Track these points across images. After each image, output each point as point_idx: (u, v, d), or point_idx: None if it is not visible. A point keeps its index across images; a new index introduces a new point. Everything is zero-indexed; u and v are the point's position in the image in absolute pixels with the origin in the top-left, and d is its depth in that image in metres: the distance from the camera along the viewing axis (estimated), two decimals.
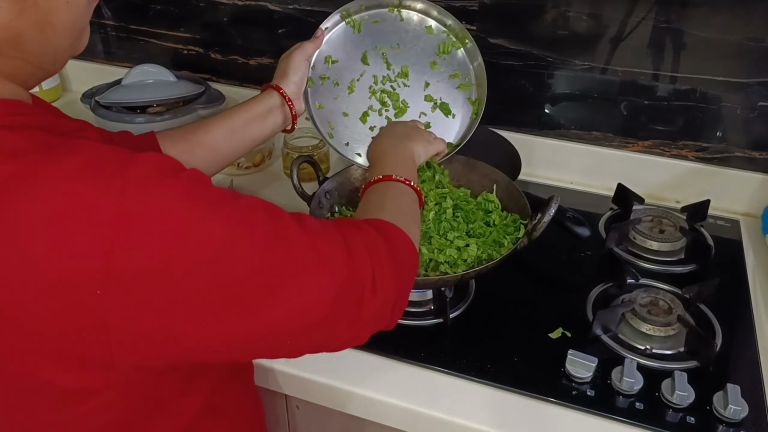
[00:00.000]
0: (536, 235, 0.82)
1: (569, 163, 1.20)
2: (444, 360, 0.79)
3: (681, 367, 0.78)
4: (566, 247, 1.00)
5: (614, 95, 1.12)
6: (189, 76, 1.35)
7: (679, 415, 0.72)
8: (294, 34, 1.29)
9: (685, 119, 1.10)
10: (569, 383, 0.76)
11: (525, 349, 0.81)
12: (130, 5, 1.39)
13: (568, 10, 1.08)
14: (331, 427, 0.86)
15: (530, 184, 1.19)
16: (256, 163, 1.22)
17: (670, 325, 0.83)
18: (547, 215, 0.81)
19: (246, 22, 1.31)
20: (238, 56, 1.36)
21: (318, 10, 1.24)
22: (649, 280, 0.94)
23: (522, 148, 1.17)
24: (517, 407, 0.74)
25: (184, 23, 1.37)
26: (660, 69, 1.08)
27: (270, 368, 0.79)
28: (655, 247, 1.00)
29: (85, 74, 1.49)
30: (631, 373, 0.74)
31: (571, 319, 0.86)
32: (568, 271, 0.98)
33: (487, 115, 1.22)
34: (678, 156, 1.14)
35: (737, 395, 0.72)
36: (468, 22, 1.14)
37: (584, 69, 1.12)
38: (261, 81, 1.36)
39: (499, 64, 1.16)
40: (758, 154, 1.09)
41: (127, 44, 1.45)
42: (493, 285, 0.92)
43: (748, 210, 1.13)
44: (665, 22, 1.04)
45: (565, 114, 1.17)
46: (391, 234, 0.62)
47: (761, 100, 1.04)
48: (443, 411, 0.73)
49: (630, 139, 1.15)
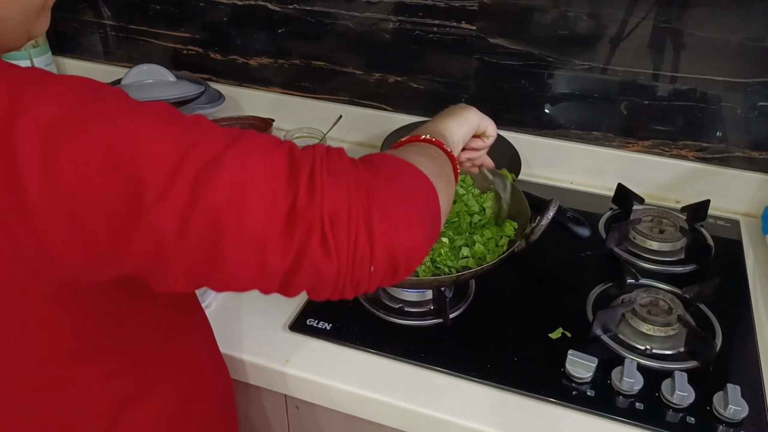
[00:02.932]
0: (534, 238, 0.82)
1: (569, 163, 1.20)
2: (444, 360, 0.79)
3: (681, 368, 0.78)
4: (566, 247, 1.00)
5: (614, 95, 1.12)
6: (188, 76, 1.35)
7: (679, 416, 0.72)
8: (294, 34, 1.29)
9: (685, 119, 1.10)
10: (569, 383, 0.76)
11: (525, 350, 0.81)
12: (129, 5, 1.39)
13: (568, 10, 1.08)
14: (331, 427, 0.86)
15: (530, 184, 1.19)
16: None
17: (670, 325, 0.83)
18: (545, 218, 0.81)
19: (246, 22, 1.31)
20: (237, 56, 1.36)
21: (318, 10, 1.24)
22: (649, 280, 0.94)
23: (522, 148, 1.17)
24: (517, 407, 0.74)
25: (184, 23, 1.37)
26: (660, 69, 1.07)
27: (270, 368, 0.79)
28: (655, 247, 1.00)
29: (85, 74, 1.48)
30: (631, 373, 0.74)
31: (571, 319, 0.86)
32: (568, 271, 0.98)
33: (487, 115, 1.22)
34: (678, 156, 1.14)
35: (737, 395, 0.72)
36: (468, 22, 1.15)
37: (584, 69, 1.12)
38: (261, 81, 1.37)
39: (499, 64, 1.16)
40: (758, 154, 1.09)
41: (126, 44, 1.45)
42: (493, 285, 0.92)
43: (748, 210, 1.13)
44: (665, 22, 1.04)
45: (565, 114, 1.17)
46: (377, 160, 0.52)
47: (761, 100, 1.04)
48: (443, 411, 0.73)
49: (630, 139, 1.15)
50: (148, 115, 0.45)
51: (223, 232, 0.43)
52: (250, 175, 0.44)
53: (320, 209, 0.44)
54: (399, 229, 0.48)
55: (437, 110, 1.31)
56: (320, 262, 0.45)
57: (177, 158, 0.43)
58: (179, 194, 0.42)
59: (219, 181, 0.43)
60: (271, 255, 0.44)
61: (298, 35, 1.29)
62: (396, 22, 1.20)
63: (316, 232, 0.45)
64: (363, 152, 1.28)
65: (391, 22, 1.20)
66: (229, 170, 0.44)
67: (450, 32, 1.17)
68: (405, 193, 0.50)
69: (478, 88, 1.20)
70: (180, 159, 0.43)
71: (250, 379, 0.82)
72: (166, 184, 0.42)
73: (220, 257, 0.44)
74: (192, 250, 0.44)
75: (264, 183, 0.44)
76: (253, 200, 0.44)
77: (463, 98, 1.22)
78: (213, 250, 0.44)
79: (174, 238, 0.43)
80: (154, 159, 0.42)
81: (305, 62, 1.31)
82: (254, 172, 0.44)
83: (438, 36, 1.18)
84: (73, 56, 1.51)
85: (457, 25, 1.15)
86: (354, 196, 0.46)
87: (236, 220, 0.43)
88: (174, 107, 0.48)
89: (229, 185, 0.43)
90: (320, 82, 1.33)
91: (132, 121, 0.44)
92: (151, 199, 0.42)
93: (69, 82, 0.44)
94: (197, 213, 0.43)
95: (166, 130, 0.44)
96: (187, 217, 0.43)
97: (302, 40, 1.29)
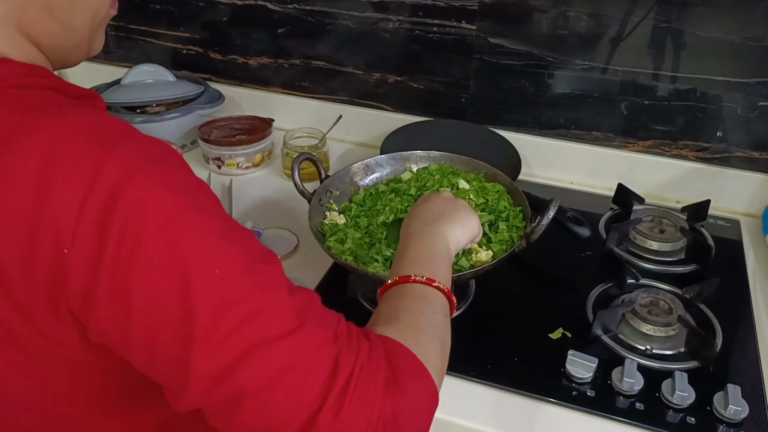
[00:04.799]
0: (534, 238, 0.82)
1: (569, 163, 1.20)
2: None
3: (681, 368, 0.78)
4: (566, 247, 1.00)
5: (614, 95, 1.12)
6: (188, 75, 1.35)
7: (679, 416, 0.72)
8: (294, 34, 1.29)
9: (685, 119, 1.10)
10: (569, 383, 0.76)
11: (525, 350, 0.81)
12: (129, 5, 1.39)
13: (568, 10, 1.08)
14: None
15: (530, 184, 1.18)
16: (255, 163, 1.22)
17: (670, 325, 0.83)
18: (545, 218, 0.81)
19: (245, 22, 1.31)
20: (237, 56, 1.36)
21: (318, 10, 1.24)
22: (650, 280, 0.94)
23: (522, 148, 1.17)
24: (517, 407, 0.74)
25: (184, 23, 1.37)
26: (660, 69, 1.07)
27: None
28: (655, 247, 1.00)
29: (85, 74, 1.48)
30: (632, 373, 0.74)
31: (572, 319, 0.86)
32: (568, 271, 0.98)
33: (488, 115, 1.22)
34: (678, 156, 1.14)
35: (737, 395, 0.72)
36: (468, 22, 1.15)
37: (584, 69, 1.12)
38: (261, 81, 1.37)
39: (499, 64, 1.16)
40: (758, 154, 1.09)
41: (126, 44, 1.45)
42: (493, 285, 0.92)
43: (748, 210, 1.13)
44: (665, 22, 1.04)
45: (565, 114, 1.17)
46: (392, 351, 0.51)
47: (761, 100, 1.04)
48: (443, 411, 0.73)
49: (630, 139, 1.15)
50: (233, 255, 0.45)
51: (243, 409, 0.45)
52: (293, 371, 0.45)
53: (336, 430, 0.45)
54: None
55: (437, 110, 1.31)
56: None
57: (239, 320, 0.44)
58: (223, 359, 0.43)
59: (263, 367, 0.44)
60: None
61: (298, 35, 1.29)
62: (396, 22, 1.20)
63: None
64: (363, 152, 1.30)
65: (391, 22, 1.20)
66: (277, 359, 0.44)
67: (450, 32, 1.17)
68: (418, 427, 0.50)
69: (478, 88, 1.20)
70: (241, 322, 0.44)
71: None
72: (217, 342, 0.43)
73: (231, 424, 0.46)
74: (210, 405, 0.46)
75: (301, 383, 0.45)
76: (283, 396, 0.44)
77: (463, 98, 1.22)
78: (227, 416, 0.46)
79: (201, 390, 0.44)
80: (219, 309, 0.43)
81: (305, 62, 1.31)
82: (298, 369, 0.45)
83: (438, 36, 1.18)
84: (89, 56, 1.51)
85: (457, 25, 1.15)
86: (373, 427, 0.46)
87: (260, 406, 0.44)
88: (258, 242, 0.49)
89: (270, 374, 0.44)
90: (320, 82, 1.33)
91: (216, 257, 0.44)
92: (198, 348, 0.43)
93: (177, 181, 0.46)
94: (230, 384, 0.44)
95: (243, 280, 0.45)
96: (219, 382, 0.44)
97: (302, 40, 1.29)
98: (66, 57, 0.55)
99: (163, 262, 0.43)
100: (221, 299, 0.43)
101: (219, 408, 0.45)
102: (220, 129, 1.25)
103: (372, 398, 0.46)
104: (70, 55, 0.56)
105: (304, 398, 0.45)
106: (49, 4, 0.51)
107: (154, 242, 0.43)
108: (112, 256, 0.42)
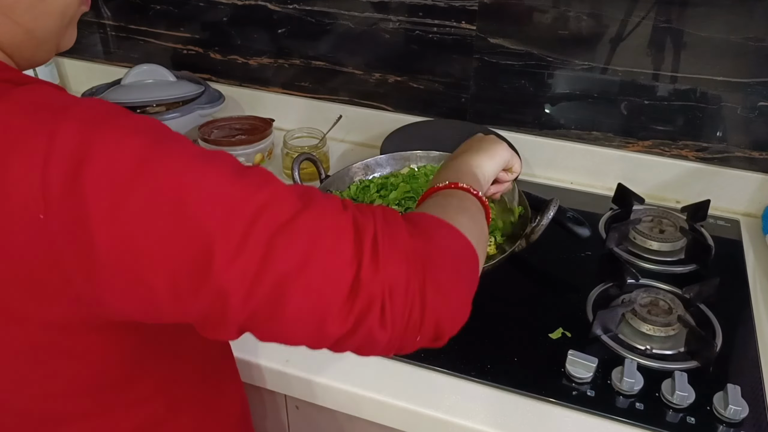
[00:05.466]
0: (534, 238, 0.82)
1: (569, 163, 1.20)
2: (444, 360, 0.79)
3: (681, 368, 0.78)
4: (566, 247, 1.00)
5: (614, 95, 1.12)
6: (188, 76, 1.35)
7: (679, 416, 0.72)
8: (294, 34, 1.29)
9: (685, 119, 1.10)
10: (569, 383, 0.76)
11: (525, 350, 0.81)
12: (129, 5, 1.39)
13: (568, 10, 1.08)
14: (331, 427, 0.86)
15: (530, 184, 1.19)
16: (256, 162, 1.22)
17: (670, 325, 0.83)
18: (545, 218, 0.81)
19: (246, 22, 1.31)
20: (237, 56, 1.36)
21: (318, 10, 1.24)
22: (649, 280, 0.94)
23: (522, 148, 1.17)
24: (517, 407, 0.74)
25: (184, 23, 1.37)
26: (660, 69, 1.07)
27: (269, 368, 0.79)
28: (655, 247, 1.00)
29: (85, 74, 1.49)
30: (632, 373, 0.74)
31: (571, 319, 0.86)
32: (568, 271, 0.98)
33: (488, 115, 1.23)
34: (678, 156, 1.14)
35: (737, 395, 0.72)
36: (468, 22, 1.15)
37: (584, 69, 1.12)
38: (261, 81, 1.37)
39: (499, 64, 1.16)
40: (758, 154, 1.09)
41: (126, 44, 1.45)
42: (493, 285, 0.91)
43: (748, 210, 1.13)
44: (665, 22, 1.04)
45: (565, 114, 1.17)
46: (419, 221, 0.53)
47: (761, 100, 1.04)
48: (443, 411, 0.73)
49: (630, 139, 1.15)
50: (217, 169, 0.45)
51: (288, 296, 0.44)
52: (321, 242, 0.45)
53: (382, 281, 0.45)
54: (449, 303, 0.50)
55: (437, 110, 1.31)
56: (376, 331, 0.46)
57: (249, 219, 0.43)
58: (251, 257, 0.43)
59: (292, 248, 0.44)
60: (330, 322, 0.45)
61: (298, 35, 1.29)
62: (396, 22, 1.20)
63: (376, 304, 0.45)
64: (363, 152, 1.30)
65: (391, 22, 1.20)
66: (302, 237, 0.44)
67: (450, 32, 1.17)
68: (455, 268, 0.52)
69: (478, 88, 1.20)
70: (252, 220, 0.43)
71: (249, 379, 0.82)
72: (237, 245, 0.43)
73: (280, 318, 0.45)
74: (255, 309, 0.45)
75: (332, 250, 0.45)
76: (321, 267, 0.44)
77: (463, 98, 1.22)
78: (275, 312, 0.45)
79: (240, 298, 0.44)
80: (225, 218, 0.43)
81: (305, 62, 1.31)
82: (324, 240, 0.45)
83: (438, 36, 1.18)
84: (73, 56, 1.51)
85: (457, 25, 1.16)
86: (412, 269, 0.47)
87: (303, 285, 0.44)
88: (237, 160, 0.48)
89: (301, 252, 0.44)
90: (320, 82, 1.33)
91: (201, 174, 0.44)
92: (222, 259, 0.42)
93: (138, 126, 0.44)
94: (267, 277, 0.43)
95: (236, 186, 0.44)
96: (257, 281, 0.43)
97: (302, 40, 1.29)
98: (33, 57, 0.53)
99: (152, 200, 0.42)
100: (223, 208, 0.43)
101: (265, 311, 0.44)
102: (221, 129, 1.26)
103: (402, 244, 0.48)
104: (36, 54, 0.53)
105: (341, 262, 0.45)
106: (8, 9, 0.48)
107: (136, 185, 0.41)
108: (98, 213, 0.41)
